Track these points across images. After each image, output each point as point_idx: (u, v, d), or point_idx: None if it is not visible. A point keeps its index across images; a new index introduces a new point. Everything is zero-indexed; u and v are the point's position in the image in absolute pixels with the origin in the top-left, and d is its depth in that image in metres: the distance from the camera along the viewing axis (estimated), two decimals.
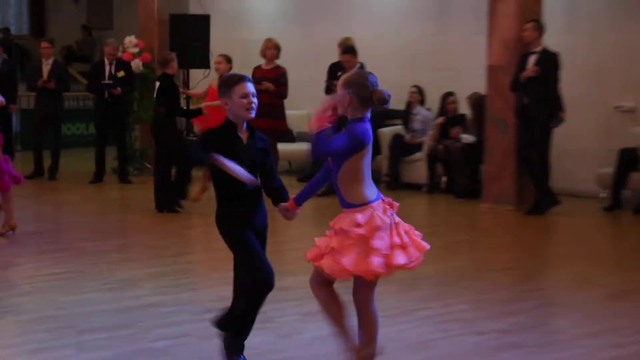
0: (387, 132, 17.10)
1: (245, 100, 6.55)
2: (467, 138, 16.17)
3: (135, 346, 7.70)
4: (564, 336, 8.22)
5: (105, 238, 12.67)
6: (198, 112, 14.34)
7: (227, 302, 8.79)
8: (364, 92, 6.21)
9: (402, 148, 16.92)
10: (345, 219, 6.28)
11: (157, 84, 14.12)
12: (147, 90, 18.01)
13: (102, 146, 17.68)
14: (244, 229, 6.77)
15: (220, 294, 9.27)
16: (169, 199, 14.17)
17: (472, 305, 8.97)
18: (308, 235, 7.93)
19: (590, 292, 9.63)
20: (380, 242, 6.21)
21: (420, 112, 16.79)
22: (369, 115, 6.26)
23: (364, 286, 6.40)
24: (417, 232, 6.45)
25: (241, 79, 6.66)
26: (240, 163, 6.53)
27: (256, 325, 7.06)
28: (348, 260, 6.21)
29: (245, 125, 6.70)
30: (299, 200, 6.70)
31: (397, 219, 6.35)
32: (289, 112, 16.50)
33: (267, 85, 15.74)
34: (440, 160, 16.58)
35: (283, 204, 6.76)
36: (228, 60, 15.25)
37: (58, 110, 18.18)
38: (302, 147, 16.74)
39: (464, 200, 15.75)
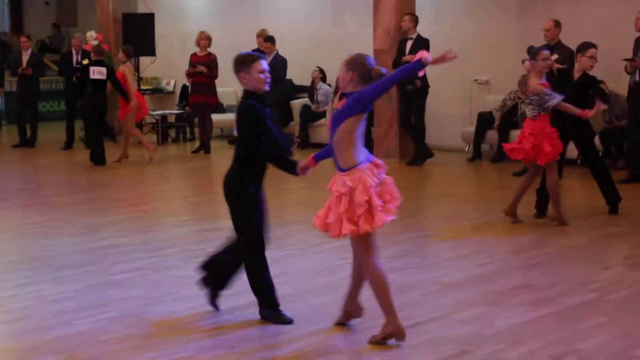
0: (297, 103, 17.33)
1: (262, 76, 6.33)
2: None
3: (101, 279, 7.70)
4: (438, 260, 8.33)
5: (75, 193, 12.79)
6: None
7: (173, 244, 9.08)
8: (363, 70, 5.94)
9: (309, 115, 17.03)
10: (338, 182, 5.90)
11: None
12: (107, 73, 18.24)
13: (71, 120, 17.80)
14: (255, 192, 6.38)
15: (168, 235, 9.56)
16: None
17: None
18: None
19: (458, 225, 9.76)
20: (376, 199, 5.84)
21: (322, 87, 16.95)
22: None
23: (357, 243, 6.00)
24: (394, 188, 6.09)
25: (258, 57, 6.44)
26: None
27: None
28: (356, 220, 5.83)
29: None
30: (318, 158, 6.39)
31: (383, 177, 6.00)
32: (219, 89, 16.87)
33: (201, 68, 16.08)
34: None
35: (303, 163, 6.44)
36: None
37: (35, 91, 18.36)
38: (230, 117, 17.05)
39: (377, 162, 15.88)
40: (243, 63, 6.40)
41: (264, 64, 6.41)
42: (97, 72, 14.63)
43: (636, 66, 11.93)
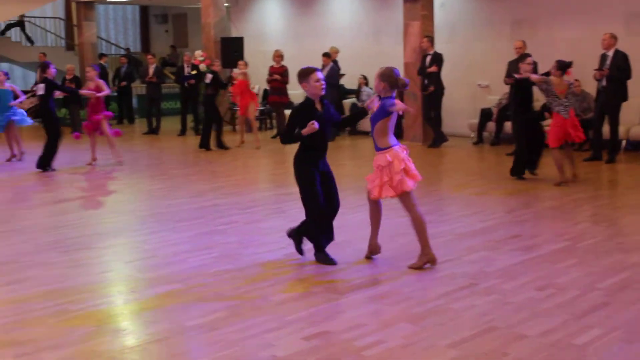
0: (347, 102, 17.09)
1: (318, 84, 6.21)
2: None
3: (206, 229, 7.77)
4: (451, 216, 8.27)
5: (187, 167, 12.81)
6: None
7: (258, 204, 9.21)
8: (391, 80, 6.02)
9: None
10: (380, 158, 6.12)
11: (211, 76, 14.44)
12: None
13: (184, 114, 17.85)
14: (313, 171, 6.25)
15: (254, 197, 9.64)
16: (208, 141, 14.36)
17: (398, 200, 9.07)
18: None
19: (466, 191, 9.69)
20: (410, 164, 6.15)
21: (365, 90, 16.72)
22: (394, 94, 6.00)
23: (403, 200, 6.16)
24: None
25: (315, 70, 6.29)
26: (319, 124, 6.15)
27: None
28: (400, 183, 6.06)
29: (319, 99, 6.29)
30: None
31: (407, 156, 6.21)
32: (290, 92, 16.75)
33: (276, 76, 16.12)
34: None
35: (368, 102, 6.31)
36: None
37: (158, 94, 18.40)
38: None
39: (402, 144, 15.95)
40: (304, 75, 6.31)
41: (319, 74, 6.29)
42: (208, 78, 14.60)
43: (603, 74, 11.87)
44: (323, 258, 6.36)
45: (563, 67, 9.87)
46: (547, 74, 10.21)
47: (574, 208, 8.62)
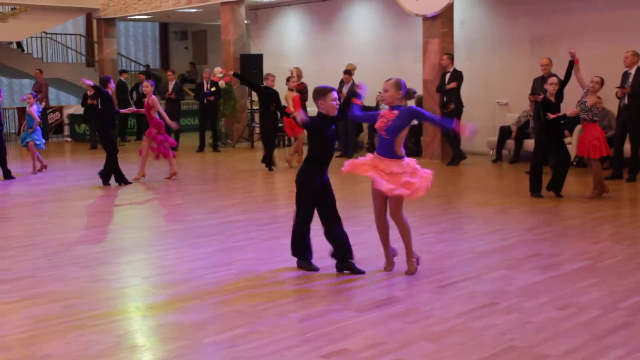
0: None
1: (334, 103, 6.38)
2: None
3: (225, 245, 7.78)
4: (471, 234, 8.25)
5: (206, 183, 12.82)
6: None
7: (277, 220, 9.14)
8: (405, 90, 6.31)
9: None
10: (396, 165, 6.27)
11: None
12: (228, 98, 18.38)
13: (202, 131, 17.85)
14: (317, 186, 6.48)
15: (273, 214, 9.61)
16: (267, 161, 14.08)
17: (418, 218, 8.92)
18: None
19: (486, 209, 9.67)
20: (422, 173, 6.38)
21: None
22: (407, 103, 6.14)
23: (396, 204, 6.34)
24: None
25: (331, 89, 6.45)
26: (330, 139, 6.42)
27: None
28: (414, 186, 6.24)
29: (331, 118, 6.44)
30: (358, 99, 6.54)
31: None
32: (309, 108, 16.80)
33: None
34: None
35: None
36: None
37: (177, 110, 18.46)
38: None
39: (411, 157, 15.90)
40: (321, 94, 6.44)
41: (335, 94, 6.45)
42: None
43: (625, 92, 11.85)
44: (305, 265, 6.62)
45: (603, 81, 10.36)
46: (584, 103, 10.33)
47: (595, 227, 8.55)
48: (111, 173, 12.38)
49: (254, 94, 18.33)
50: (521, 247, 7.51)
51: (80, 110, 20.50)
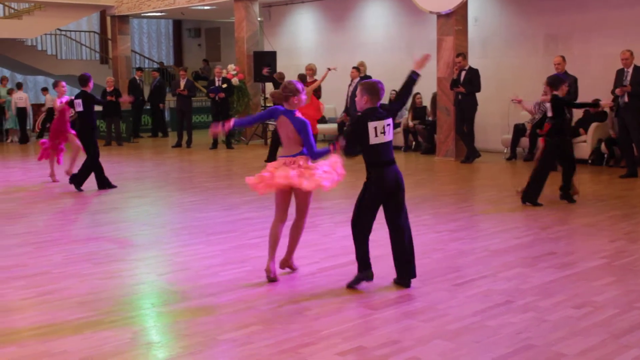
0: None
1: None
2: (427, 120, 16.41)
3: (239, 242, 7.78)
4: (486, 232, 8.20)
5: (219, 180, 12.78)
6: None
7: (290, 218, 9.14)
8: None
9: None
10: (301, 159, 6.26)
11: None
12: (241, 95, 18.42)
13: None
14: (374, 193, 5.99)
15: (288, 211, 9.84)
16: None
17: (432, 215, 9.02)
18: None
19: (500, 207, 9.66)
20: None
21: None
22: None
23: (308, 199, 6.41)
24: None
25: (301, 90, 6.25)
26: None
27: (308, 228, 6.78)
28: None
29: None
30: (236, 123, 6.27)
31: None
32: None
33: (309, 90, 16.17)
34: (411, 132, 16.64)
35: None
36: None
37: (189, 107, 18.49)
38: (331, 126, 17.10)
39: (425, 155, 15.82)
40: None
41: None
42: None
43: (626, 90, 11.78)
44: (362, 277, 6.05)
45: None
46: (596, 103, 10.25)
47: (610, 225, 8.49)
48: (86, 177, 11.56)
49: (267, 90, 18.38)
50: (536, 246, 7.47)
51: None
